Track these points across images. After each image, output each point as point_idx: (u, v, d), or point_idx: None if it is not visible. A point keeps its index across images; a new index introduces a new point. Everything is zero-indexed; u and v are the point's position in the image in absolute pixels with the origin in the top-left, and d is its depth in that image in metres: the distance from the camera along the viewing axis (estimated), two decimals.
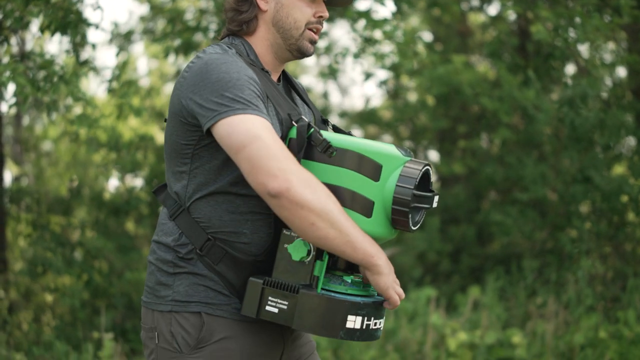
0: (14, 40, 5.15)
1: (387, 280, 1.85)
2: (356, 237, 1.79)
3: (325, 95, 9.35)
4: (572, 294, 5.08)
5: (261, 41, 2.02)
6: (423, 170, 1.85)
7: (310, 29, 2.01)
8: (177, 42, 5.61)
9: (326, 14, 2.03)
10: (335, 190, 1.84)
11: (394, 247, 6.81)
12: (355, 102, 13.96)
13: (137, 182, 6.10)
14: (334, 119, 8.48)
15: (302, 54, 2.03)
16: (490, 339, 4.77)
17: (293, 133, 1.91)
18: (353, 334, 1.85)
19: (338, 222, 1.77)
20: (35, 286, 5.28)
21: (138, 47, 12.56)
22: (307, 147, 1.89)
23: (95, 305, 5.06)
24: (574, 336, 4.64)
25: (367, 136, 8.61)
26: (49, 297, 5.34)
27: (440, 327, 4.95)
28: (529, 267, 5.77)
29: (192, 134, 1.89)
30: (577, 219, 5.60)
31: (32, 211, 5.52)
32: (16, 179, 7.48)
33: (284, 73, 2.12)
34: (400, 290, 1.90)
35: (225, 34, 2.05)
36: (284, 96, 2.00)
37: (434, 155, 8.60)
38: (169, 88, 8.74)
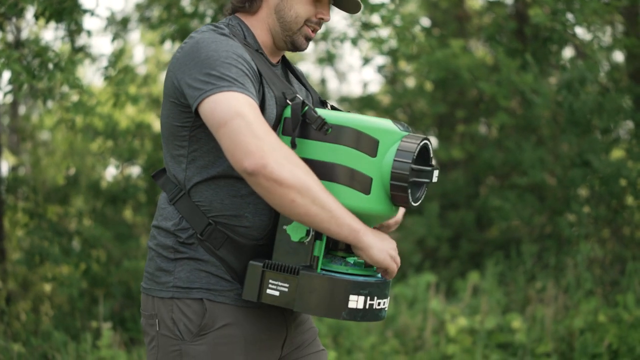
0: (9, 27, 5.10)
1: (380, 252, 1.82)
2: (339, 213, 1.77)
3: (323, 81, 9.32)
4: (571, 278, 5.08)
5: (261, 23, 2.00)
6: (421, 144, 1.83)
7: (309, 27, 2.00)
8: (172, 28, 5.57)
9: (328, 17, 2.02)
10: (332, 167, 1.83)
11: (392, 233, 6.79)
12: (353, 88, 13.93)
13: (135, 170, 6.07)
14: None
15: (295, 48, 2.02)
16: (490, 324, 4.77)
17: (287, 112, 1.90)
18: (356, 314, 1.82)
19: (319, 199, 1.74)
20: (33, 276, 5.26)
21: (134, 35, 12.51)
22: (302, 126, 1.86)
23: (93, 294, 5.05)
24: (574, 320, 4.64)
25: None
26: (47, 287, 5.32)
27: (440, 312, 4.95)
28: (528, 252, 5.76)
29: (187, 116, 1.88)
30: (575, 203, 5.59)
31: (29, 200, 5.49)
32: (13, 169, 7.45)
33: (283, 57, 2.11)
34: (395, 255, 1.88)
35: (229, 10, 2.04)
36: (279, 76, 1.98)
37: (432, 140, 8.59)
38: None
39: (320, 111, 1.88)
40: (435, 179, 1.88)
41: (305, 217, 1.75)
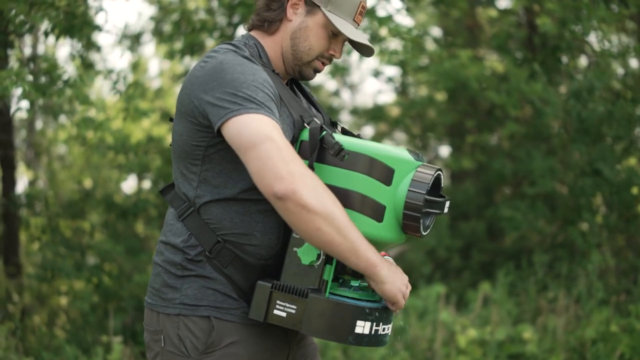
0: (22, 44, 5.17)
1: (393, 288, 1.84)
2: (360, 244, 1.78)
3: (336, 92, 9.34)
4: (583, 288, 5.05)
5: (276, 45, 2.01)
6: (435, 175, 1.84)
7: (320, 60, 2.02)
8: (181, 43, 5.61)
9: (339, 55, 2.03)
10: (346, 194, 1.84)
11: (403, 244, 6.78)
12: (366, 99, 13.95)
13: (145, 184, 6.10)
14: (344, 117, 8.48)
15: (303, 77, 2.04)
16: (500, 335, 4.75)
17: (305, 135, 1.90)
18: (361, 339, 1.84)
19: (344, 229, 1.75)
20: (49, 290, 5.29)
21: (149, 48, 12.61)
22: (318, 150, 1.87)
23: (105, 308, 5.07)
24: (585, 331, 4.61)
25: (378, 133, 8.59)
26: (63, 301, 5.36)
27: (450, 323, 4.93)
28: (540, 262, 5.73)
29: (204, 135, 1.87)
30: (587, 212, 5.56)
31: (43, 215, 5.53)
32: (30, 183, 7.52)
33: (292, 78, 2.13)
34: (406, 290, 1.89)
35: (250, 25, 2.05)
36: (296, 98, 1.99)
37: (445, 150, 8.56)
38: (179, 89, 8.73)
39: (337, 137, 1.89)
40: (446, 210, 1.90)
41: (328, 245, 1.76)
